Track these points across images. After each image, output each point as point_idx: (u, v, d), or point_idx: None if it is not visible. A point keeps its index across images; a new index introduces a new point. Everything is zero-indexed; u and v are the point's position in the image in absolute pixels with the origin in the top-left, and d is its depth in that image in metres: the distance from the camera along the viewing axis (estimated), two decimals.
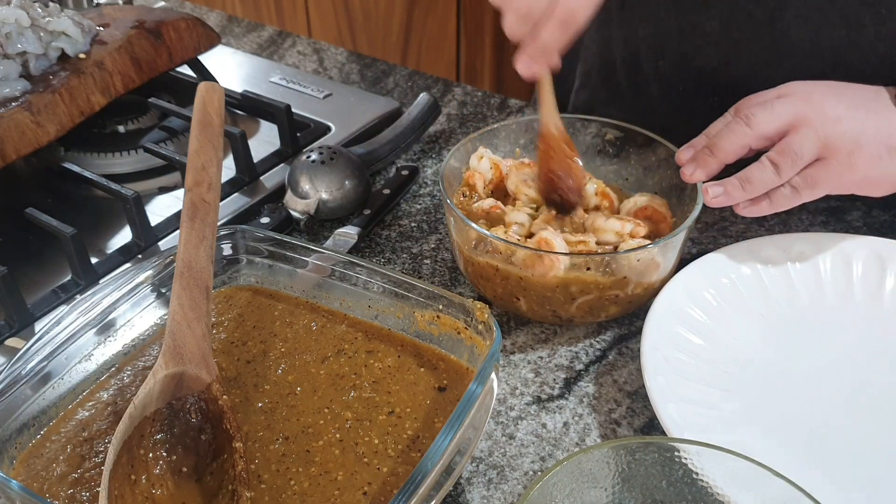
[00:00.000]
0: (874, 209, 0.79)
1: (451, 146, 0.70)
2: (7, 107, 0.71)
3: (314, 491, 0.49)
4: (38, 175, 0.83)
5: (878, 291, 0.67)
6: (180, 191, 0.81)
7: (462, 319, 0.56)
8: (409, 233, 0.77)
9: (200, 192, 0.58)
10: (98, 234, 0.75)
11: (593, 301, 0.62)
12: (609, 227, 0.64)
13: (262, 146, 0.86)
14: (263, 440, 0.52)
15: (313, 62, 1.07)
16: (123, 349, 0.58)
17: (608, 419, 0.59)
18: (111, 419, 0.53)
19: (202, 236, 0.56)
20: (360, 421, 0.53)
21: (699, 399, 0.58)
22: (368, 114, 0.91)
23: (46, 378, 0.53)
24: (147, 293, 0.59)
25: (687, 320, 0.64)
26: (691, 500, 0.46)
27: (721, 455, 0.44)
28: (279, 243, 0.62)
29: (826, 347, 0.63)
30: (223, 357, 0.58)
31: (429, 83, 1.01)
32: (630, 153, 0.74)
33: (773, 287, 0.68)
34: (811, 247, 0.70)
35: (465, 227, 0.63)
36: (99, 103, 0.78)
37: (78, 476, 0.49)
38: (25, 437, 0.51)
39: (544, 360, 0.64)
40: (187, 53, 0.88)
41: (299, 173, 0.76)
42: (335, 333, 0.60)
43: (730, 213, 0.79)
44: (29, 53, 0.75)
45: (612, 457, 0.45)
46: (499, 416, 0.60)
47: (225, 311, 0.62)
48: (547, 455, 0.57)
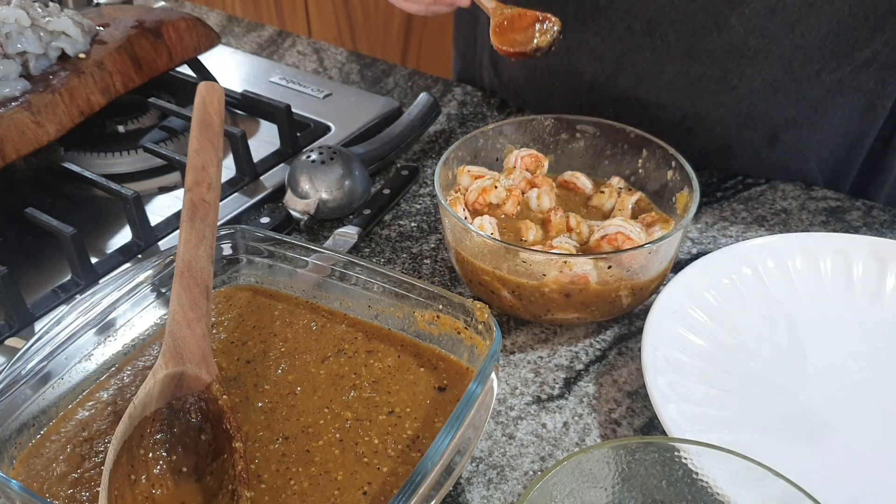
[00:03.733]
0: (874, 209, 0.79)
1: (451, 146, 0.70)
2: (7, 107, 0.71)
3: (314, 491, 0.49)
4: (38, 175, 0.83)
5: (878, 291, 0.67)
6: (180, 191, 0.81)
7: (462, 319, 0.56)
8: (409, 233, 0.77)
9: (200, 191, 0.57)
10: (98, 234, 0.75)
11: (593, 301, 0.62)
12: None
13: (262, 146, 0.86)
14: (263, 440, 0.52)
15: (313, 62, 1.07)
16: (123, 349, 0.58)
17: (608, 419, 0.59)
18: (111, 419, 0.53)
19: (202, 236, 0.56)
20: (360, 421, 0.53)
21: (699, 399, 0.58)
22: (368, 114, 0.91)
23: (46, 378, 0.53)
24: (147, 293, 0.59)
25: (687, 320, 0.64)
26: (691, 500, 0.46)
27: (721, 455, 0.44)
28: (279, 243, 0.62)
29: (826, 347, 0.63)
30: (223, 357, 0.58)
31: (429, 83, 1.01)
32: (627, 152, 0.74)
33: (774, 287, 0.68)
34: (811, 247, 0.70)
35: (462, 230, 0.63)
36: (99, 103, 0.78)
37: (78, 476, 0.49)
38: (25, 437, 0.51)
39: (544, 359, 0.64)
40: (187, 53, 0.88)
41: (299, 173, 0.76)
42: (335, 333, 0.60)
43: (730, 213, 0.79)
44: (29, 53, 0.75)
45: (612, 457, 0.45)
46: (499, 416, 0.60)
47: (225, 311, 0.62)
48: (547, 455, 0.57)
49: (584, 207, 0.71)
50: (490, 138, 0.74)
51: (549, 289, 0.60)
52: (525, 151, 0.74)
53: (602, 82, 0.82)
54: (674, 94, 0.79)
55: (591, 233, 0.66)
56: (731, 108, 0.79)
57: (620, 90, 0.81)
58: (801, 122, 0.80)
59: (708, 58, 0.76)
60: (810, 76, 0.76)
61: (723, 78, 0.77)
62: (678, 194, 0.68)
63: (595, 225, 0.66)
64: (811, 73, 0.76)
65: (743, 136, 0.81)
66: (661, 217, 0.67)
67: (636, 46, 0.78)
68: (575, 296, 0.61)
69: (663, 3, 0.75)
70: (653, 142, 0.71)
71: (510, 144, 0.75)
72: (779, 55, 0.75)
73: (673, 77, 0.78)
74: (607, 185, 0.72)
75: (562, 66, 0.83)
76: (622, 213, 0.69)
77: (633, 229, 0.64)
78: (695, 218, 0.78)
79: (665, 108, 0.80)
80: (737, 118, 0.80)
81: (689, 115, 0.80)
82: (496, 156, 0.75)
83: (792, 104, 0.78)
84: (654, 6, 0.75)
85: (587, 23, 0.79)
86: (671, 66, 0.78)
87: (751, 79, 0.77)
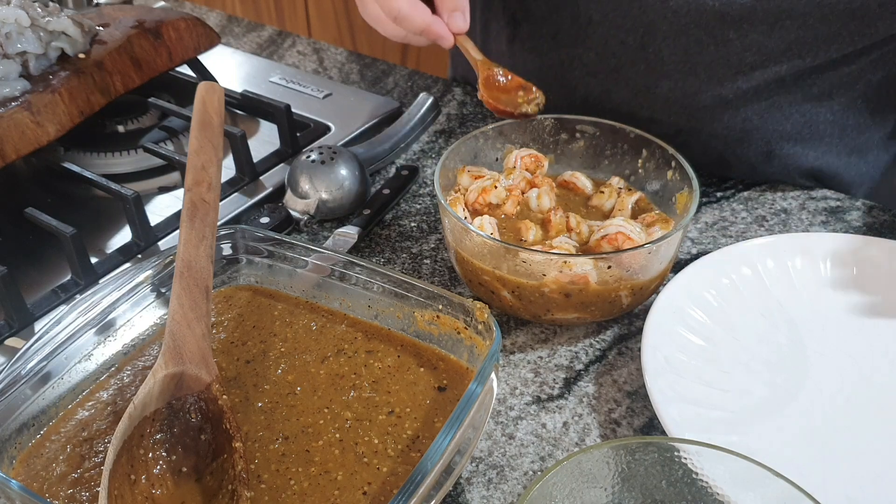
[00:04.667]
0: (874, 209, 0.79)
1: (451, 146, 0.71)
2: (7, 107, 0.71)
3: (314, 491, 0.49)
4: (38, 175, 0.83)
5: (877, 291, 0.67)
6: (180, 191, 0.81)
7: (462, 319, 0.56)
8: (408, 233, 0.77)
9: (200, 191, 0.58)
10: (98, 234, 0.75)
11: (593, 301, 0.62)
12: None
13: (261, 146, 0.86)
14: (263, 440, 0.52)
15: (313, 62, 1.07)
16: (123, 349, 0.58)
17: (608, 419, 0.59)
18: (111, 419, 0.53)
19: (202, 236, 0.56)
20: (359, 421, 0.53)
21: (699, 399, 0.58)
22: (368, 114, 0.91)
23: (46, 378, 0.53)
24: (147, 293, 0.59)
25: (687, 320, 0.64)
26: (691, 500, 0.46)
27: (721, 455, 0.44)
28: (279, 243, 0.62)
29: (826, 347, 0.63)
30: (223, 357, 0.58)
31: (429, 83, 1.01)
32: (626, 152, 0.74)
33: (774, 287, 0.68)
34: (811, 247, 0.70)
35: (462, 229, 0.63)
36: (99, 103, 0.78)
37: (78, 476, 0.49)
38: (25, 437, 0.51)
39: (544, 359, 0.64)
40: (187, 53, 0.88)
41: (299, 173, 0.76)
42: (335, 333, 0.60)
43: (730, 213, 0.79)
44: (29, 53, 0.75)
45: (611, 457, 0.45)
46: (499, 416, 0.60)
47: (225, 311, 0.62)
48: (547, 455, 0.57)
49: (583, 207, 0.71)
50: (490, 138, 0.74)
51: (549, 289, 0.60)
52: (525, 151, 0.74)
53: (596, 96, 0.82)
54: (668, 108, 0.79)
55: (592, 233, 0.66)
56: (727, 124, 0.79)
57: (614, 104, 0.81)
58: (797, 137, 0.80)
59: (704, 72, 0.76)
60: (804, 92, 0.76)
61: (718, 93, 0.77)
62: (678, 194, 0.68)
63: (595, 225, 0.66)
64: (805, 89, 0.76)
65: (738, 150, 0.81)
66: (661, 217, 0.67)
67: (630, 61, 0.78)
68: (575, 296, 0.61)
69: (656, 18, 0.74)
70: (653, 142, 0.71)
71: (510, 144, 0.75)
72: (775, 71, 0.74)
73: (667, 91, 0.78)
74: (607, 185, 0.72)
75: (556, 80, 0.83)
76: (622, 213, 0.69)
77: (633, 229, 0.64)
78: (695, 218, 0.78)
79: (660, 123, 0.80)
80: (732, 133, 0.79)
81: (683, 129, 0.80)
82: (496, 156, 0.75)
83: (786, 118, 0.78)
84: (647, 21, 0.75)
85: (581, 38, 0.79)
86: (665, 81, 0.77)
87: (746, 94, 0.76)
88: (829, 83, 0.76)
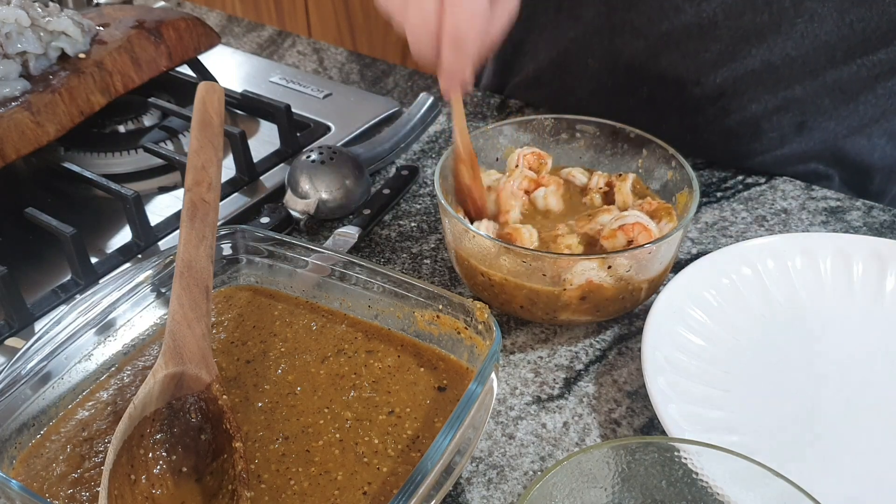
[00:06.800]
0: (874, 209, 0.79)
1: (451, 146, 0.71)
2: (7, 107, 0.71)
3: (314, 491, 0.49)
4: (38, 175, 0.83)
5: (878, 291, 0.67)
6: (180, 191, 0.81)
7: (462, 319, 0.56)
8: (408, 233, 0.77)
9: (200, 191, 0.57)
10: (98, 234, 0.75)
11: (591, 301, 0.62)
12: None
13: (262, 146, 0.86)
14: (263, 440, 0.52)
15: (313, 62, 1.07)
16: (123, 349, 0.58)
17: (608, 419, 0.59)
18: (111, 419, 0.53)
19: (202, 236, 0.56)
20: (359, 421, 0.53)
21: (699, 399, 0.58)
22: (368, 114, 0.91)
23: (46, 378, 0.53)
24: (147, 293, 0.59)
25: (687, 320, 0.64)
26: (691, 500, 0.46)
27: (721, 455, 0.44)
28: (279, 243, 0.62)
29: (826, 348, 0.63)
30: (223, 357, 0.58)
31: (429, 83, 1.01)
32: (627, 150, 0.74)
33: (773, 287, 0.68)
34: (811, 247, 0.70)
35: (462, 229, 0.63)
36: (99, 103, 0.78)
37: (78, 476, 0.49)
38: (25, 437, 0.51)
39: (544, 359, 0.64)
40: (187, 53, 0.88)
41: (299, 173, 0.76)
42: (335, 333, 0.60)
43: (730, 213, 0.79)
44: (29, 53, 0.75)
45: (612, 457, 0.45)
46: (499, 416, 0.60)
47: (225, 311, 0.62)
48: (547, 455, 0.57)
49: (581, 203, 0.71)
50: (490, 138, 0.74)
51: (566, 293, 0.60)
52: (527, 150, 0.74)
53: (643, 61, 0.82)
54: (715, 72, 0.80)
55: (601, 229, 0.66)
56: (770, 88, 0.80)
57: (661, 68, 0.81)
58: (833, 113, 0.80)
59: (755, 37, 0.76)
60: (853, 70, 0.77)
61: (767, 59, 0.77)
62: (678, 194, 0.68)
63: (602, 222, 0.66)
64: (855, 66, 0.77)
65: (774, 118, 0.82)
66: (661, 205, 0.67)
67: (683, 24, 0.78)
68: (589, 298, 0.61)
69: None
70: (653, 141, 0.71)
71: (510, 144, 0.75)
72: (825, 40, 0.75)
73: (716, 56, 0.78)
74: (589, 190, 0.71)
75: (602, 44, 0.83)
76: (621, 196, 0.69)
77: (650, 222, 0.64)
78: (695, 218, 0.78)
79: (703, 86, 0.81)
80: (772, 99, 0.80)
81: (727, 92, 0.81)
82: (496, 155, 0.75)
83: (827, 92, 0.79)
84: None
85: (635, 3, 0.80)
86: (716, 44, 0.78)
87: (793, 61, 0.77)
88: (879, 65, 0.77)
